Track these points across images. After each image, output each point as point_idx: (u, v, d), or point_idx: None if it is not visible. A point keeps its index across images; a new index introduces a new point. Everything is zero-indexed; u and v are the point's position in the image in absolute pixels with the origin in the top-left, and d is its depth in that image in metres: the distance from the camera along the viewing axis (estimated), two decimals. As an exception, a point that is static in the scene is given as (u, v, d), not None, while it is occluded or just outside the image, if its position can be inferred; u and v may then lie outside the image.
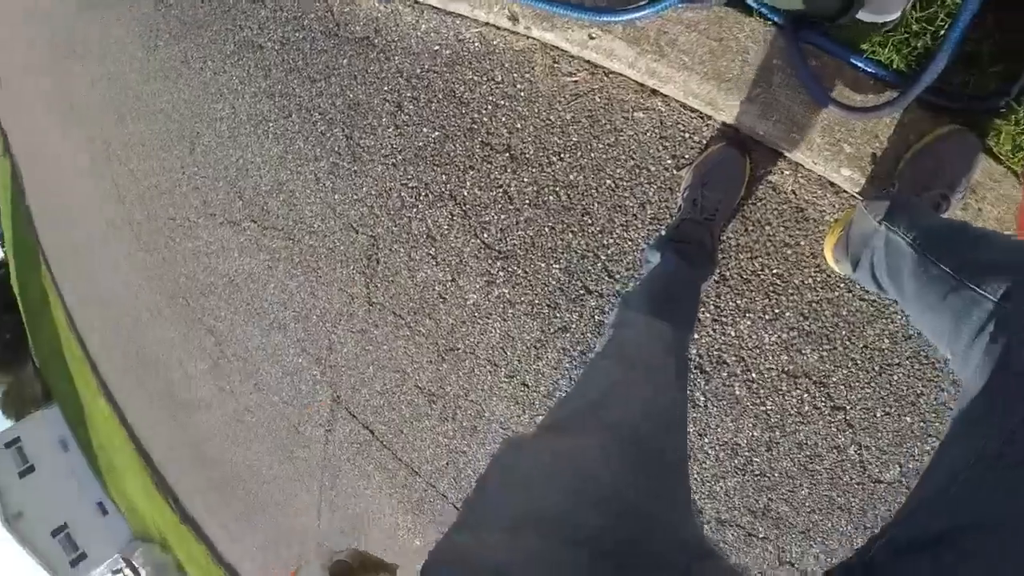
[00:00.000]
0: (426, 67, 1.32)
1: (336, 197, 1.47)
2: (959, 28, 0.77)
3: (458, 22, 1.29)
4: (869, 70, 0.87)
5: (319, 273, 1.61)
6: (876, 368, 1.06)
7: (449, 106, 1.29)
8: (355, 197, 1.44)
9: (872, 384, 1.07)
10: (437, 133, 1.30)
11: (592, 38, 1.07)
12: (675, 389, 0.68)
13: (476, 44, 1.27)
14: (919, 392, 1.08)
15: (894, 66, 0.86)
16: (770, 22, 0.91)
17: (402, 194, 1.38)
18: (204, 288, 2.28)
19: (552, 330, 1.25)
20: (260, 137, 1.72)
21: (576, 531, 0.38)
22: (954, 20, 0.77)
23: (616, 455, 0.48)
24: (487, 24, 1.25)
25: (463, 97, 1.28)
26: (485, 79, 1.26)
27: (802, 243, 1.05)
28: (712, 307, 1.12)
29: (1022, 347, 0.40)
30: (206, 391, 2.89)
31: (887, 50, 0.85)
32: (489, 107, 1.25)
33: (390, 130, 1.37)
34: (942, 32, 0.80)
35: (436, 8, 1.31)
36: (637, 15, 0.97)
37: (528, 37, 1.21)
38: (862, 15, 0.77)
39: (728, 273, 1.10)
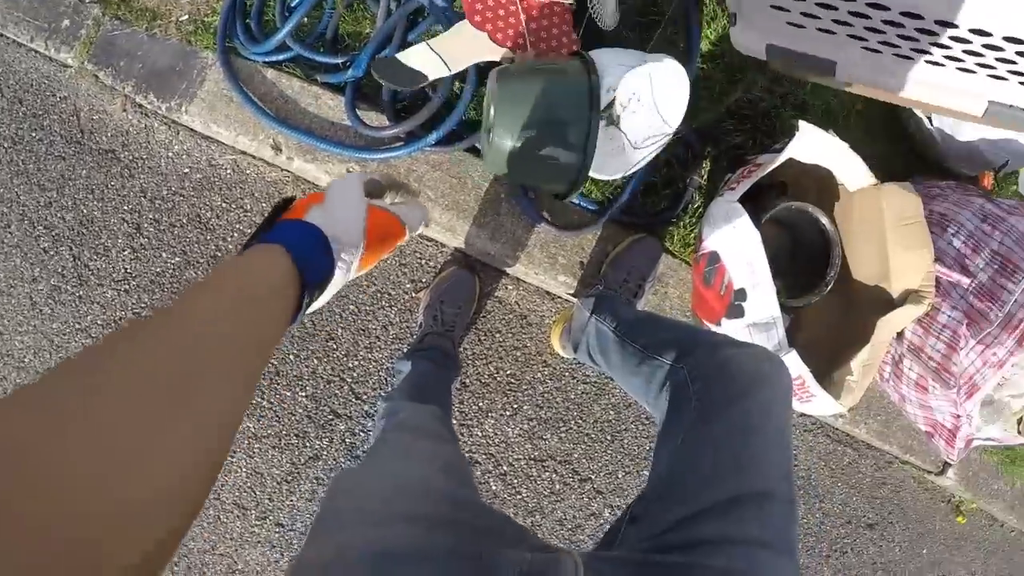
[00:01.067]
0: (173, 189, 1.27)
1: (55, 326, 1.27)
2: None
3: (213, 147, 1.28)
4: (577, 202, 1.10)
5: (30, 411, 1.34)
6: (609, 437, 1.22)
7: (193, 231, 1.25)
8: (78, 327, 1.26)
9: (608, 451, 1.22)
10: (178, 259, 1.24)
11: (349, 172, 1.16)
12: (455, 446, 0.80)
13: (228, 171, 1.28)
14: (648, 447, 1.26)
15: (595, 197, 1.11)
16: (498, 164, 1.12)
17: (133, 323, 1.25)
18: None
19: (303, 460, 1.19)
20: (-32, 248, 1.45)
21: (432, 517, 0.51)
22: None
23: (442, 470, 0.62)
24: (242, 152, 1.27)
25: (209, 223, 1.25)
26: (234, 206, 1.26)
27: (528, 344, 1.20)
28: (458, 413, 1.19)
29: (686, 385, 0.61)
30: None
31: (590, 186, 1.10)
32: (236, 234, 1.24)
33: (126, 252, 1.26)
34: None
35: (193, 131, 1.29)
36: (393, 154, 1.08)
37: (284, 169, 1.26)
38: (599, 176, 0.99)
39: (468, 380, 1.19)
